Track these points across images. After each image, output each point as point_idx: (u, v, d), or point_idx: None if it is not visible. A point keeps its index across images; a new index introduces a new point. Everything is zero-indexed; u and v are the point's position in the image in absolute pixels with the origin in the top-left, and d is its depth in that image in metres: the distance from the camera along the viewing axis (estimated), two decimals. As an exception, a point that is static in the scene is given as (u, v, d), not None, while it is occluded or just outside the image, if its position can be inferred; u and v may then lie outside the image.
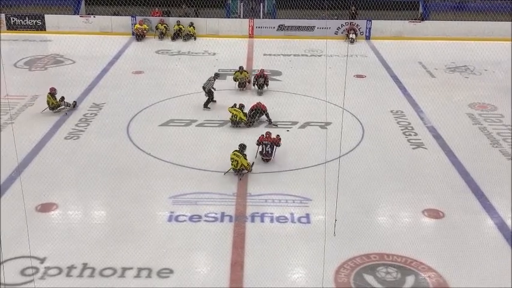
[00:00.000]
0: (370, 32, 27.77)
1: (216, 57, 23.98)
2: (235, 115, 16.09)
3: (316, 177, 12.76)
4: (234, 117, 16.09)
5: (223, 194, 12.40)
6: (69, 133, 15.56)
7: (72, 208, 12.06)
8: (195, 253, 10.49)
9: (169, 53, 24.76)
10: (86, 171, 13.42)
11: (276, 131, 15.13)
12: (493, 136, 15.78)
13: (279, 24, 28.01)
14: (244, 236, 10.93)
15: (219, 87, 18.75)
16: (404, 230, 11.43)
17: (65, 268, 9.76)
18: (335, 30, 27.82)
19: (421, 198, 12.41)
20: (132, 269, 9.78)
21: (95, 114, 16.98)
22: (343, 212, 10.99)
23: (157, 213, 11.75)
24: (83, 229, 11.17)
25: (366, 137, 15.62)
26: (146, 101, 18.02)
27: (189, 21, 27.54)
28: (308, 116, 16.95)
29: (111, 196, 12.46)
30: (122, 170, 13.48)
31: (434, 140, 15.52)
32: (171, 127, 16.24)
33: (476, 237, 11.03)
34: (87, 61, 22.58)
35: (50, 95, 16.94)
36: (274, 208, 11.90)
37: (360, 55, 24.81)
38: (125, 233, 10.93)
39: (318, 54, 24.57)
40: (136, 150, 14.64)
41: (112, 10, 28.45)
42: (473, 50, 24.44)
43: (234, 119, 16.10)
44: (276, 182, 13.09)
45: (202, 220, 11.43)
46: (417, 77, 21.59)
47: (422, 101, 18.52)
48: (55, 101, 16.89)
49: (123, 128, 15.99)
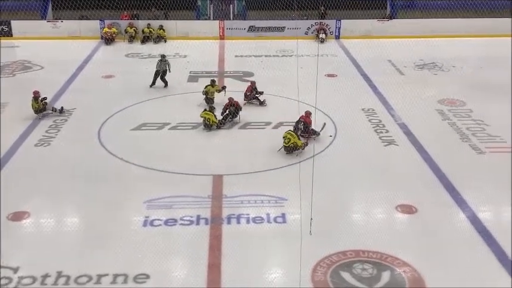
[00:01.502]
0: (339, 31, 28.01)
1: (187, 60, 23.88)
2: (208, 118, 16.03)
3: (291, 177, 12.77)
4: (207, 120, 16.02)
5: (198, 196, 12.35)
6: (39, 140, 15.31)
7: (45, 216, 11.85)
8: (172, 257, 10.43)
9: (140, 56, 24.57)
10: (58, 178, 13.23)
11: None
12: (462, 131, 16.07)
13: (249, 25, 28.05)
14: (220, 238, 10.91)
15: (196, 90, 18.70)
16: (379, 226, 11.56)
17: (39, 277, 9.60)
18: (305, 30, 27.98)
19: (394, 194, 12.56)
20: (108, 276, 9.67)
21: (65, 120, 16.75)
22: (318, 210, 11.02)
23: (132, 219, 11.64)
24: (56, 237, 11.01)
25: (339, 136, 15.75)
26: (117, 105, 17.84)
27: (158, 23, 27.36)
28: (281, 116, 17.01)
29: (85, 202, 12.30)
30: (95, 176, 13.32)
31: (406, 136, 15.74)
32: (143, 131, 16.12)
33: (449, 231, 11.22)
34: (56, 66, 22.24)
35: (34, 98, 16.76)
36: (250, 209, 11.90)
37: (330, 54, 25.00)
38: (99, 240, 10.79)
39: (289, 55, 24.68)
40: (108, 156, 14.48)
41: (80, 14, 28.11)
42: (441, 47, 24.94)
43: (207, 122, 16.04)
44: (251, 182, 13.10)
45: (178, 224, 11.37)
46: (387, 75, 21.85)
47: (393, 98, 18.75)
48: (37, 105, 16.67)
49: (95, 133, 15.80)
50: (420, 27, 27.59)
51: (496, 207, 12.37)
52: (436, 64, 23.13)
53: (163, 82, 19.92)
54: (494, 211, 12.25)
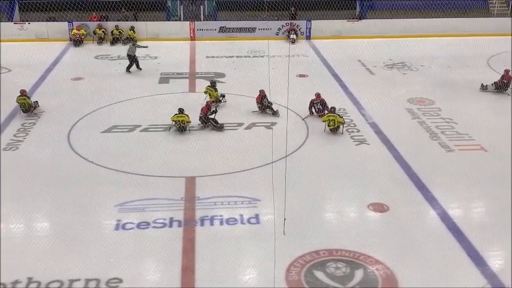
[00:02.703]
0: (310, 32, 28.18)
1: (157, 61, 23.71)
2: (182, 121, 15.89)
3: (264, 178, 12.83)
4: (182, 123, 15.89)
5: (170, 199, 12.27)
6: (7, 144, 15.00)
7: (14, 221, 11.60)
8: (145, 260, 10.33)
9: (109, 58, 24.28)
10: (27, 182, 12.97)
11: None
12: (431, 129, 16.32)
13: (220, 26, 28.00)
14: (194, 240, 10.86)
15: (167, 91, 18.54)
16: (352, 225, 11.66)
17: (9, 284, 9.42)
18: (276, 31, 28.06)
19: (366, 193, 12.70)
20: (80, 281, 9.53)
21: (33, 124, 16.45)
22: (291, 210, 11.09)
23: (103, 222, 11.49)
24: (26, 242, 10.80)
25: (311, 136, 15.83)
26: (87, 108, 17.61)
27: (128, 25, 27.08)
28: (253, 117, 17.02)
29: (55, 207, 12.09)
30: (65, 180, 13.12)
31: (376, 135, 15.91)
32: (114, 133, 15.94)
33: (420, 228, 11.38)
34: (24, 69, 21.81)
35: (26, 96, 17.10)
36: (223, 210, 11.88)
37: (301, 55, 25.13)
38: (70, 244, 10.63)
39: (261, 55, 24.72)
40: (78, 159, 14.28)
41: (48, 16, 27.63)
42: (410, 47, 25.23)
43: (181, 124, 15.91)
44: (224, 184, 13.07)
45: (151, 227, 11.27)
46: (357, 74, 22.07)
47: (363, 98, 18.95)
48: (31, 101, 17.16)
49: (64, 136, 15.56)
50: (389, 28, 27.98)
51: (465, 204, 12.58)
52: (405, 64, 23.46)
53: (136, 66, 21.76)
54: (463, 208, 12.46)
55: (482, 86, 19.80)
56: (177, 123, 15.95)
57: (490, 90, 19.62)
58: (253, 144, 15.18)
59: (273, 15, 29.07)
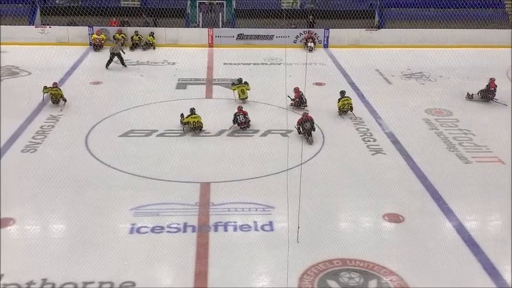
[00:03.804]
0: (328, 40, 28.17)
1: (175, 67, 23.86)
2: (198, 121, 16.02)
3: (279, 185, 12.82)
4: (196, 123, 16.03)
5: (185, 204, 12.31)
6: (26, 146, 15.19)
7: (30, 223, 11.73)
8: (158, 265, 10.37)
9: (128, 63, 24.47)
10: (44, 184, 13.11)
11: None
12: (449, 140, 16.19)
13: (238, 33, 28.12)
14: (207, 245, 10.87)
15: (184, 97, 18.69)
16: (366, 235, 11.59)
17: (24, 284, 9.49)
18: (294, 38, 28.11)
19: (381, 203, 12.61)
20: (94, 283, 9.58)
21: (52, 126, 16.64)
22: (305, 218, 11.08)
23: (118, 226, 11.56)
24: (42, 244, 10.89)
25: (327, 144, 15.80)
26: (105, 112, 17.77)
27: (148, 30, 27.33)
28: (269, 124, 17.03)
29: (71, 209, 12.20)
30: (82, 183, 13.23)
31: (393, 145, 15.82)
32: (131, 137, 16.05)
33: (436, 240, 11.28)
34: (44, 72, 22.08)
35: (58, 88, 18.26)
36: (237, 217, 11.88)
37: (318, 63, 25.11)
38: (85, 247, 10.70)
39: (278, 63, 24.75)
40: (95, 162, 14.40)
41: (68, 20, 28.00)
42: (428, 57, 25.14)
43: (196, 125, 16.06)
44: (239, 190, 13.08)
45: (165, 231, 11.31)
46: (374, 84, 22.00)
47: (380, 107, 18.86)
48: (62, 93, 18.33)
49: (82, 139, 15.71)
50: (408, 37, 27.86)
51: (482, 216, 12.44)
52: (423, 74, 23.33)
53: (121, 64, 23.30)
54: (480, 221, 12.32)
55: (468, 95, 19.89)
56: (191, 124, 16.08)
57: (476, 100, 19.66)
58: (269, 151, 15.19)
59: (290, 23, 29.12)
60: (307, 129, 15.74)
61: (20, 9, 28.72)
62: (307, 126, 15.75)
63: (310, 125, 15.81)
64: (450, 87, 21.51)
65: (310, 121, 15.85)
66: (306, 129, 15.75)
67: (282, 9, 29.93)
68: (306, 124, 15.76)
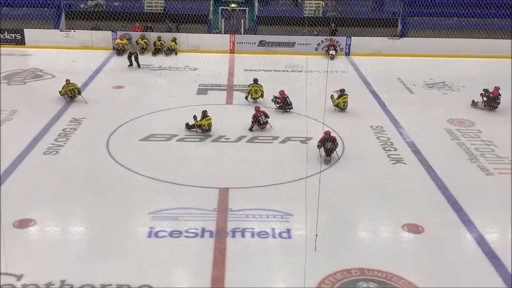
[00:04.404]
0: (349, 48, 28.08)
1: (197, 72, 23.99)
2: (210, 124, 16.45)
3: (297, 192, 12.78)
4: (208, 126, 16.44)
5: (203, 209, 12.34)
6: (48, 148, 15.39)
7: (51, 224, 11.88)
8: (175, 269, 10.41)
9: (150, 68, 24.71)
10: (65, 186, 13.27)
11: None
12: (471, 151, 15.99)
13: (259, 40, 28.18)
14: (225, 251, 10.87)
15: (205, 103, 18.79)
16: (385, 245, 11.48)
17: (43, 285, 9.59)
18: (315, 46, 28.07)
19: (401, 213, 12.49)
20: (111, 286, 9.64)
21: (74, 129, 16.83)
22: (324, 227, 11.01)
23: (137, 229, 11.64)
24: (61, 245, 11.01)
25: (346, 152, 15.71)
26: (126, 116, 17.93)
27: (170, 36, 27.54)
28: (289, 131, 17.01)
29: (90, 212, 12.33)
30: (102, 185, 13.36)
31: (414, 155, 15.68)
32: (151, 142, 16.17)
33: (456, 252, 11.13)
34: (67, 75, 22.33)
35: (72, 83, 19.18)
36: (255, 223, 11.87)
37: (340, 71, 25.02)
38: (104, 249, 10.79)
39: (299, 70, 24.74)
40: (116, 165, 14.52)
41: (92, 24, 28.37)
42: (451, 67, 24.91)
43: (209, 127, 16.46)
44: (257, 197, 13.07)
45: (183, 236, 11.35)
46: (396, 92, 21.85)
47: (402, 116, 18.71)
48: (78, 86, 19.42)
49: (103, 142, 15.86)
50: (431, 46, 27.61)
51: (503, 229, 12.25)
52: (445, 83, 23.10)
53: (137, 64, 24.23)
54: (501, 233, 12.14)
55: (473, 103, 19.93)
56: (205, 126, 16.44)
57: (480, 107, 19.65)
58: (288, 158, 15.16)
59: (312, 31, 29.12)
60: (329, 149, 14.88)
61: (46, 13, 29.21)
62: (328, 146, 14.86)
63: (332, 144, 14.95)
64: (473, 97, 21.22)
65: (332, 140, 14.94)
66: (327, 149, 14.87)
67: (304, 17, 29.93)
68: (327, 144, 14.88)
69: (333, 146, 14.89)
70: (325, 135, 14.93)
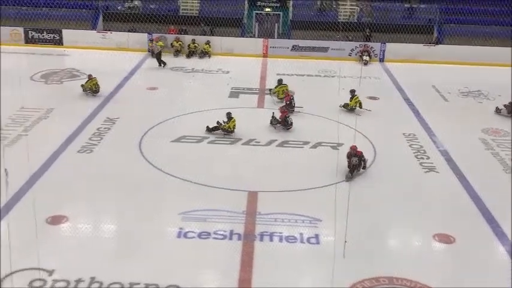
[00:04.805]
0: (384, 54, 27.83)
1: (229, 76, 24.13)
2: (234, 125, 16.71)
3: (327, 198, 12.71)
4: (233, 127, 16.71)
5: (232, 211, 12.38)
6: (82, 147, 15.68)
7: (82, 221, 12.09)
8: (203, 270, 10.47)
9: (184, 70, 24.96)
10: (98, 184, 13.50)
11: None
12: (505, 162, 15.65)
13: (293, 44, 28.17)
14: (252, 254, 10.89)
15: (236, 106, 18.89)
16: (414, 254, 11.33)
17: (73, 281, 9.76)
18: (349, 51, 27.91)
19: (432, 222, 12.30)
20: (140, 285, 9.74)
21: (108, 129, 17.12)
22: (353, 233, 10.92)
23: (166, 229, 11.75)
24: (92, 242, 11.21)
25: (378, 159, 15.56)
26: (159, 117, 18.14)
27: (204, 39, 27.78)
28: (320, 136, 16.94)
29: (122, 210, 12.52)
30: (133, 185, 13.54)
31: (447, 163, 15.43)
32: (183, 143, 16.32)
33: (487, 264, 10.91)
34: (103, 76, 22.73)
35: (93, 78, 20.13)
36: (283, 228, 11.85)
37: (373, 77, 24.82)
38: (133, 248, 10.93)
39: (331, 75, 24.63)
40: (147, 165, 14.70)
41: (129, 26, 28.83)
42: (487, 75, 24.43)
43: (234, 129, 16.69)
44: (286, 201, 13.06)
45: (211, 237, 11.41)
46: (430, 100, 21.56)
47: (435, 124, 18.45)
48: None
49: (136, 142, 16.09)
50: (467, 54, 27.16)
51: (538, 242, 11.95)
52: (481, 92, 22.67)
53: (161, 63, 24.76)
54: (536, 246, 11.84)
55: (496, 109, 19.75)
56: (231, 128, 16.63)
57: (504, 114, 19.36)
58: (318, 163, 15.10)
59: (346, 36, 28.97)
60: (353, 165, 13.99)
61: (84, 14, 29.84)
62: (353, 161, 14.00)
63: (358, 160, 14.10)
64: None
65: (358, 156, 14.11)
66: (352, 165, 13.99)
67: (338, 22, 29.82)
68: (353, 159, 14.01)
69: (358, 162, 14.06)
70: (351, 150, 14.17)
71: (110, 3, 30.63)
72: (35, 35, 28.31)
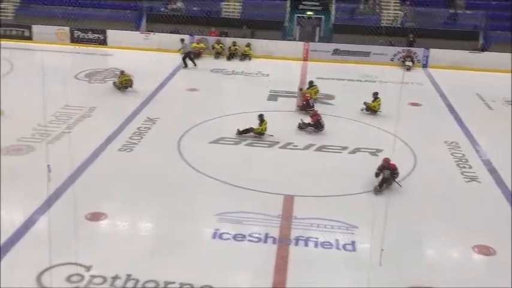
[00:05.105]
0: (427, 60, 27.33)
1: (269, 79, 24.14)
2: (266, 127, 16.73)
3: (364, 205, 12.58)
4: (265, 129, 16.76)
5: (268, 214, 12.35)
6: (123, 145, 15.94)
7: (121, 219, 12.29)
8: (237, 272, 10.48)
9: (223, 72, 25.10)
10: (136, 183, 13.69)
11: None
12: (552, 174, 15.13)
13: (334, 48, 27.97)
14: (287, 258, 10.84)
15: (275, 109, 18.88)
16: (452, 265, 11.08)
17: (109, 278, 9.91)
18: (391, 56, 27.52)
19: (472, 233, 12.00)
20: (174, 284, 9.82)
21: (148, 128, 17.36)
22: (390, 242, 10.75)
23: (202, 229, 11.82)
24: (129, 240, 11.38)
25: (418, 167, 15.28)
26: (198, 118, 18.28)
27: (245, 41, 27.88)
28: (359, 142, 16.75)
29: (159, 209, 12.66)
30: (171, 184, 13.68)
31: (489, 174, 15.02)
32: (220, 145, 16.40)
33: (529, 278, 10.55)
34: (145, 76, 23.16)
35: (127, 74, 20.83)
36: (319, 233, 11.75)
37: (415, 83, 24.40)
38: (169, 247, 11.03)
39: (372, 80, 24.33)
40: (185, 166, 14.83)
41: (171, 28, 29.18)
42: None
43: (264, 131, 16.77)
44: (323, 206, 12.95)
45: (246, 240, 11.41)
46: (474, 108, 21.06)
47: (478, 133, 18.00)
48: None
49: (175, 143, 16.25)
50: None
51: None
52: (527, 101, 22.02)
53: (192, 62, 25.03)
54: None
55: None
56: (263, 130, 16.66)
57: None
58: (356, 169, 14.93)
59: (389, 41, 28.59)
60: (385, 178, 13.40)
61: (128, 15, 30.39)
62: (385, 175, 13.38)
63: (390, 174, 13.46)
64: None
65: (391, 170, 13.46)
66: (384, 178, 13.40)
67: (381, 26, 29.48)
68: (385, 172, 13.40)
69: (389, 176, 13.40)
70: (384, 163, 13.57)
71: (153, 5, 31.08)
72: (80, 35, 28.98)
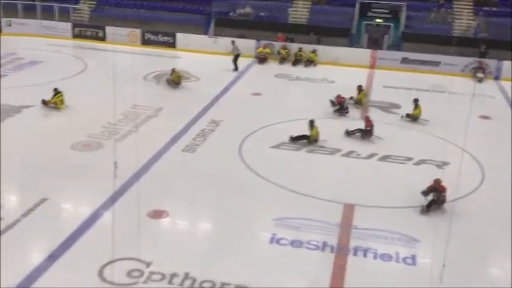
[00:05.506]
0: (500, 72, 26.28)
1: (334, 85, 23.94)
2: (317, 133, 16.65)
3: (427, 219, 12.22)
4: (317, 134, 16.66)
5: (327, 222, 12.23)
6: (187, 146, 16.24)
7: (181, 217, 12.53)
8: (293, 278, 10.42)
9: (288, 78, 25.11)
10: (198, 183, 13.91)
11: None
12: None
13: (402, 56, 27.40)
14: (344, 268, 10.69)
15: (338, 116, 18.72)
16: (519, 287, 10.56)
17: (168, 275, 10.09)
18: (462, 67, 26.65)
19: (542, 254, 11.40)
20: (230, 285, 9.88)
21: (212, 130, 17.60)
22: (452, 258, 10.37)
23: (260, 233, 11.86)
24: (188, 239, 11.57)
25: (486, 182, 14.70)
26: (261, 122, 18.37)
27: (311, 47, 27.79)
28: (424, 153, 16.30)
29: (218, 211, 12.82)
30: (231, 187, 13.81)
31: None
32: (282, 150, 16.39)
33: None
34: (211, 79, 23.53)
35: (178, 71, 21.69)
36: (379, 244, 11.52)
37: (487, 95, 23.50)
38: (227, 248, 11.13)
39: (442, 91, 23.63)
40: (246, 169, 14.93)
41: (239, 33, 29.49)
42: None
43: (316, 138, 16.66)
44: (384, 217, 12.68)
45: (304, 247, 11.33)
46: (549, 123, 20.03)
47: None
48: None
49: (236, 146, 16.40)
50: None
51: None
52: None
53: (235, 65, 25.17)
54: None
55: None
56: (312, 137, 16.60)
57: None
58: (421, 181, 14.45)
59: (460, 51, 27.68)
60: (433, 200, 12.80)
61: (197, 19, 31.00)
62: (434, 196, 12.82)
63: (438, 196, 12.79)
64: None
65: (440, 192, 12.76)
66: (432, 200, 12.82)
67: (452, 36, 28.62)
68: (435, 194, 12.84)
69: (437, 198, 12.77)
70: (435, 184, 12.90)
71: (222, 10, 31.53)
72: (151, 37, 29.84)
